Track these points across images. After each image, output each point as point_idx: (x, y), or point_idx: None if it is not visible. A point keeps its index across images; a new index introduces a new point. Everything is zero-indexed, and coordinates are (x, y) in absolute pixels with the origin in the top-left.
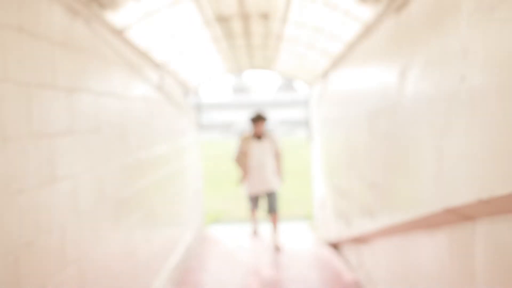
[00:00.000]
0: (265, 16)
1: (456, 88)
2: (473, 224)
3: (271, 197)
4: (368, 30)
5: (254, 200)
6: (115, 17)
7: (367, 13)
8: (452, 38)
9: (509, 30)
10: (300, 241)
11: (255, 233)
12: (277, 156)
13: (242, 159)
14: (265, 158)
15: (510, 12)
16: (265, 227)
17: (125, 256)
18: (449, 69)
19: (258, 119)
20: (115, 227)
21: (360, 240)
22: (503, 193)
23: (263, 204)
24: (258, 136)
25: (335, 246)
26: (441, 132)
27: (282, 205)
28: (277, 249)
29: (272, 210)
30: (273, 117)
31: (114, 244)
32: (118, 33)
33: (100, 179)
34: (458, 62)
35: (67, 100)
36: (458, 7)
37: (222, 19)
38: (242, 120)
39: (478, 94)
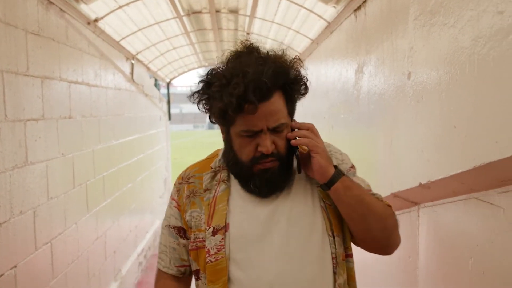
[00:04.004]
0: (234, 11)
1: (403, 84)
2: (417, 209)
3: None
4: (330, 28)
5: None
6: (88, 8)
7: (329, 12)
8: (401, 38)
9: (445, 32)
10: None
11: None
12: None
13: None
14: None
15: (447, 17)
16: None
17: (94, 240)
18: (398, 66)
19: (256, 96)
20: (85, 211)
21: None
22: (440, 178)
23: None
24: (266, 177)
25: None
26: (391, 125)
27: None
28: None
29: None
30: None
31: (84, 228)
32: (91, 24)
33: (71, 164)
34: (405, 60)
35: (40, 87)
36: (407, 10)
37: (193, 13)
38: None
39: (421, 89)
